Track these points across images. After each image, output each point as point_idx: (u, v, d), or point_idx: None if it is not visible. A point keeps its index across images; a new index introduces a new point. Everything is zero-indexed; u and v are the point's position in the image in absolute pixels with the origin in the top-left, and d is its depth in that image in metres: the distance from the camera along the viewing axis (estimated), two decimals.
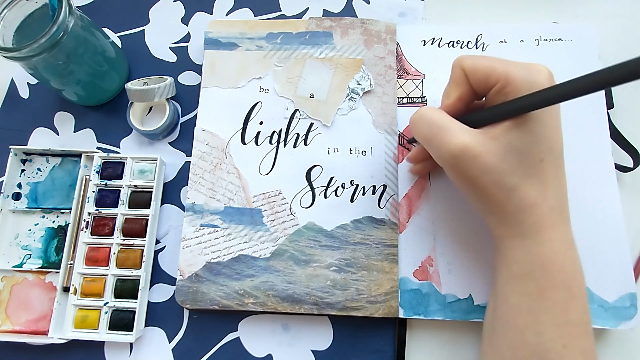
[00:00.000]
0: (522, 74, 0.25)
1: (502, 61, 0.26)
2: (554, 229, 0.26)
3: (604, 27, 0.38)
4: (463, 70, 0.27)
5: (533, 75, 0.25)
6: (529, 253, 0.26)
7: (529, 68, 0.26)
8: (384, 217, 0.34)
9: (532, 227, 0.26)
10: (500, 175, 0.25)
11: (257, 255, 0.33)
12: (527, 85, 0.25)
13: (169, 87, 0.37)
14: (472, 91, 0.28)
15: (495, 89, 0.26)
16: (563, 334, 0.24)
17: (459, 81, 0.28)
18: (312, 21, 0.38)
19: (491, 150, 0.25)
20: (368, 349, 0.33)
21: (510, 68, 0.25)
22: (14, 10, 0.33)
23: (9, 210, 0.36)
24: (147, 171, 0.36)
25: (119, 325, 0.33)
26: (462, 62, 0.28)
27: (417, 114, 0.29)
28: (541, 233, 0.26)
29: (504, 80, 0.25)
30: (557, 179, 0.26)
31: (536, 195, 0.26)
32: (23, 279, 0.35)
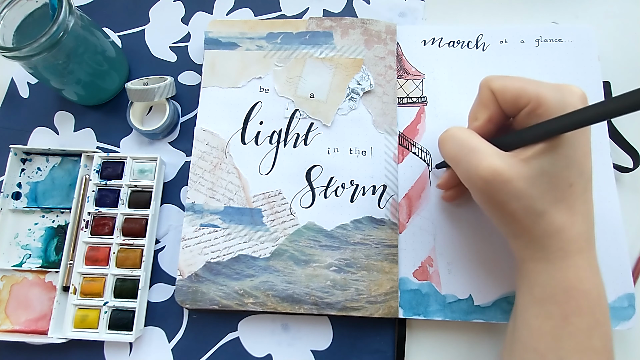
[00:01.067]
0: (554, 96, 0.25)
1: (533, 82, 0.26)
2: (580, 254, 0.25)
3: (603, 28, 0.38)
4: (491, 91, 0.27)
5: (566, 96, 0.25)
6: (553, 278, 0.25)
7: (561, 89, 0.25)
8: (384, 217, 0.34)
9: (558, 252, 0.25)
10: (530, 200, 0.25)
11: (257, 255, 0.33)
12: (560, 107, 0.24)
13: (169, 87, 0.37)
14: (502, 112, 0.27)
15: (525, 110, 0.26)
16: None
17: (487, 102, 0.27)
18: (313, 21, 0.38)
19: (522, 174, 0.25)
20: (368, 349, 0.33)
21: (541, 89, 0.25)
22: (14, 10, 0.33)
23: (8, 209, 0.36)
24: (147, 171, 0.36)
25: (119, 324, 0.33)
26: (490, 83, 0.27)
27: (447, 133, 0.28)
28: (567, 258, 0.25)
29: (535, 102, 0.25)
30: (585, 204, 0.26)
31: (564, 220, 0.25)
32: (23, 278, 0.35)
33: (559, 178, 0.25)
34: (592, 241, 0.26)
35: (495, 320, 0.32)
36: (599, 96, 0.36)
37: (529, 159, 0.25)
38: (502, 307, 0.32)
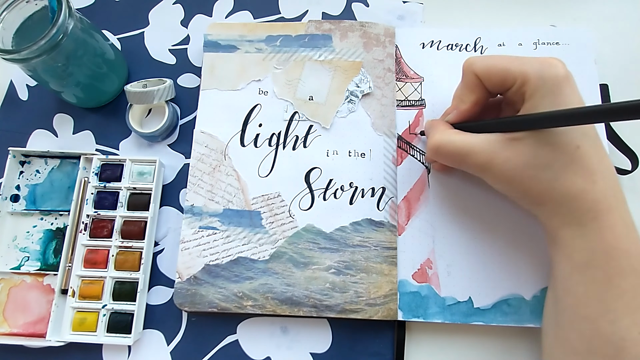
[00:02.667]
0: (537, 72, 0.25)
1: (515, 60, 0.26)
2: (611, 212, 0.25)
3: (601, 31, 0.39)
4: (476, 75, 0.27)
5: (546, 71, 0.25)
6: (590, 240, 0.25)
7: (543, 64, 0.26)
8: (383, 220, 0.34)
9: (587, 213, 0.25)
10: (535, 170, 0.25)
11: (256, 258, 0.33)
12: (543, 82, 0.25)
13: (168, 90, 0.37)
14: (488, 93, 0.28)
15: (512, 90, 0.26)
16: (638, 321, 0.24)
17: (472, 86, 0.28)
18: (312, 24, 0.38)
19: (519, 150, 0.26)
20: (367, 351, 0.33)
21: (525, 67, 0.26)
22: (13, 12, 0.33)
23: (7, 212, 0.36)
24: (146, 173, 0.36)
25: (117, 327, 0.33)
26: (474, 67, 0.27)
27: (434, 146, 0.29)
28: (599, 219, 0.25)
29: (520, 80, 0.26)
30: (600, 162, 0.26)
31: (582, 181, 0.25)
32: (21, 281, 0.35)
33: (561, 144, 0.25)
34: (620, 197, 0.26)
35: (495, 322, 0.32)
36: (596, 99, 0.36)
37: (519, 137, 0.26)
38: (501, 309, 0.32)
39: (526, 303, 0.32)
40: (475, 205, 0.34)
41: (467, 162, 0.28)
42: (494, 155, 0.26)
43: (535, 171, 0.25)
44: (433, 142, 0.29)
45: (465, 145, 0.27)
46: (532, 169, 0.25)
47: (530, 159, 0.25)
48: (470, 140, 0.27)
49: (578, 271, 0.26)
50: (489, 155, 0.26)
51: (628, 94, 0.38)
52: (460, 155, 0.28)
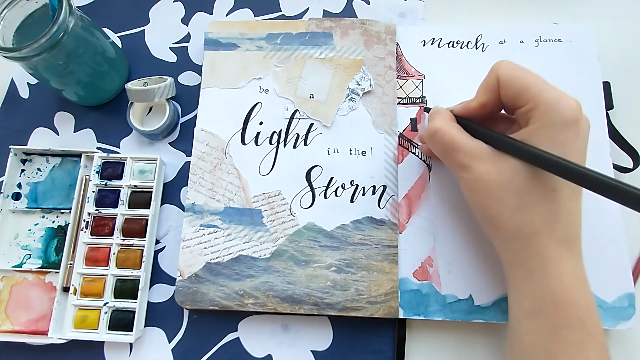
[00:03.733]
0: (551, 104, 0.24)
1: (540, 83, 0.25)
2: (561, 262, 0.25)
3: (603, 28, 0.38)
4: (497, 78, 0.27)
5: (561, 108, 0.24)
6: (537, 287, 0.25)
7: (560, 100, 0.25)
8: (384, 218, 0.34)
9: (537, 257, 0.25)
10: (505, 192, 0.25)
11: (257, 256, 0.33)
12: (551, 116, 0.24)
13: (169, 88, 0.37)
14: (499, 102, 0.28)
15: (521, 110, 0.26)
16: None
17: (489, 87, 0.27)
18: (312, 22, 0.38)
19: (501, 168, 0.25)
20: (368, 349, 0.33)
21: (542, 94, 0.25)
22: (14, 10, 0.33)
23: (8, 210, 0.36)
24: (147, 171, 0.36)
25: (119, 325, 0.33)
26: (500, 71, 0.27)
27: (432, 129, 0.29)
28: (548, 266, 0.25)
29: (532, 104, 0.25)
30: (570, 214, 0.25)
31: (541, 224, 0.25)
32: (23, 279, 0.35)
33: (540, 180, 0.25)
34: (576, 249, 0.26)
35: (496, 320, 0.32)
36: (598, 97, 0.36)
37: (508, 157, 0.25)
38: (502, 307, 0.32)
39: None
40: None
41: (452, 157, 0.28)
42: (477, 161, 0.26)
43: (504, 193, 0.25)
44: (433, 125, 0.29)
45: (458, 140, 0.27)
46: (503, 191, 0.25)
47: (505, 180, 0.25)
48: (464, 139, 0.27)
49: (526, 319, 0.26)
50: (473, 159, 0.26)
51: (630, 91, 0.37)
52: (450, 148, 0.28)
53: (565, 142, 0.24)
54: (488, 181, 0.26)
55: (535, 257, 0.25)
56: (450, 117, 0.30)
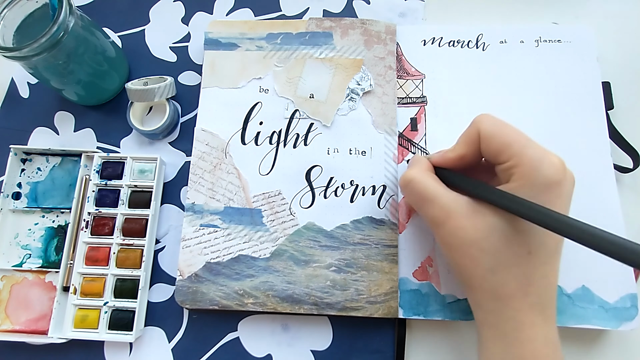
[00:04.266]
0: (534, 163, 0.24)
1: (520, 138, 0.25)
2: (534, 328, 0.24)
3: (604, 28, 0.38)
4: (478, 132, 0.26)
5: (544, 168, 0.24)
6: (509, 352, 0.25)
7: (543, 159, 0.24)
8: (384, 218, 0.34)
9: (510, 321, 0.25)
10: (480, 252, 0.25)
11: (257, 256, 0.33)
12: (534, 176, 0.24)
13: (169, 87, 0.37)
14: (479, 155, 0.27)
15: (502, 166, 0.25)
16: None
17: (469, 141, 0.27)
18: (312, 21, 0.38)
19: (476, 225, 0.25)
20: (367, 349, 0.33)
21: (525, 151, 0.24)
22: (14, 10, 0.33)
23: (8, 209, 0.36)
24: (147, 171, 0.36)
25: (119, 325, 0.33)
26: (480, 125, 0.26)
27: (407, 178, 0.28)
28: (520, 330, 0.24)
29: (514, 162, 0.24)
30: (544, 277, 0.25)
31: (515, 287, 0.24)
32: (23, 278, 0.35)
33: (515, 242, 0.24)
34: (549, 313, 0.25)
35: None
36: (598, 97, 0.36)
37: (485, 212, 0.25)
38: None
39: None
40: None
41: (426, 209, 0.27)
42: (452, 216, 0.25)
43: (479, 253, 0.25)
44: (408, 174, 0.28)
45: (432, 192, 0.26)
46: (477, 250, 0.25)
47: (481, 239, 0.24)
48: (440, 190, 0.26)
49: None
50: (447, 213, 0.25)
51: (630, 91, 0.37)
52: (424, 200, 0.27)
53: (547, 203, 0.23)
54: (463, 238, 0.25)
55: (508, 321, 0.25)
56: (427, 166, 0.29)
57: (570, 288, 0.32)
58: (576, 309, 0.31)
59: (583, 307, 0.31)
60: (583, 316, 0.31)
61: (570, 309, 0.31)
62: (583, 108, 0.35)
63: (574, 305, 0.31)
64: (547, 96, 0.36)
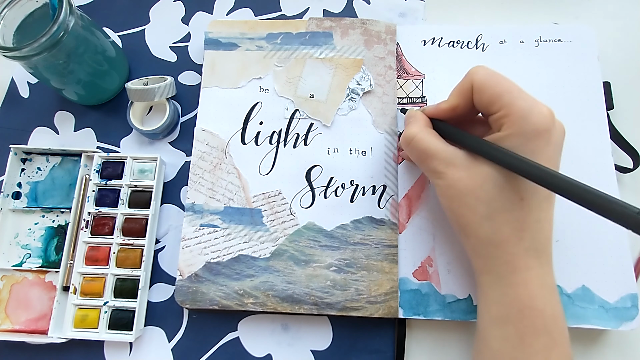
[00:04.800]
0: (523, 112, 0.25)
1: (513, 90, 0.25)
2: (529, 271, 0.25)
3: (604, 28, 0.38)
4: (471, 84, 0.27)
5: (532, 117, 0.24)
6: (506, 294, 0.26)
7: (532, 108, 0.25)
8: (384, 218, 0.34)
9: (505, 265, 0.25)
10: (476, 200, 0.25)
11: (257, 256, 0.33)
12: (522, 124, 0.25)
13: (169, 87, 0.37)
14: (471, 106, 0.28)
15: (494, 117, 0.26)
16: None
17: (463, 92, 0.28)
18: (312, 21, 0.38)
19: (472, 175, 0.26)
20: (367, 349, 0.33)
21: (515, 102, 0.25)
22: (14, 10, 0.33)
23: (8, 209, 0.36)
24: (147, 171, 0.36)
25: (119, 324, 0.33)
26: (474, 76, 0.27)
27: (408, 136, 0.29)
28: (516, 274, 0.25)
29: (504, 112, 0.25)
30: (538, 222, 0.26)
31: (509, 232, 0.25)
32: (23, 278, 0.35)
33: (508, 189, 0.25)
34: (545, 258, 0.26)
35: None
36: (598, 97, 0.36)
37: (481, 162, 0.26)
38: None
39: None
40: None
41: (427, 163, 0.28)
42: (451, 168, 0.26)
43: (475, 201, 0.25)
44: (409, 132, 0.29)
45: (433, 147, 0.27)
46: (473, 199, 0.25)
47: (476, 188, 0.25)
48: (439, 145, 0.27)
49: (494, 325, 0.26)
50: (446, 165, 0.26)
51: (630, 91, 0.37)
52: (425, 154, 0.28)
53: (535, 150, 0.24)
54: (460, 188, 0.26)
55: (503, 265, 0.26)
56: (425, 121, 0.30)
57: (570, 288, 0.32)
58: (576, 308, 0.31)
59: (583, 307, 0.31)
60: (583, 316, 0.31)
61: (570, 308, 0.31)
62: (583, 108, 0.35)
63: (574, 305, 0.31)
64: (548, 96, 0.35)
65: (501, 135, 0.25)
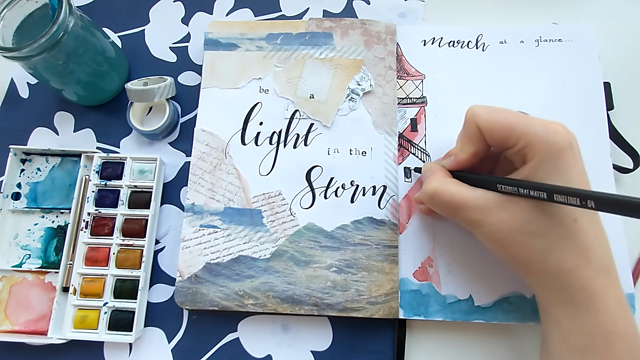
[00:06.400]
0: (542, 137, 0.24)
1: (521, 119, 0.25)
2: (605, 293, 0.24)
3: (604, 28, 0.38)
4: (478, 127, 0.26)
5: (551, 137, 0.24)
6: (586, 323, 0.24)
7: (549, 130, 0.24)
8: (384, 218, 0.34)
9: (580, 293, 0.24)
10: (528, 237, 0.25)
11: (257, 256, 0.33)
12: (547, 148, 0.24)
13: (169, 87, 0.37)
14: (488, 146, 0.27)
15: (513, 149, 0.25)
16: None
17: (473, 137, 0.27)
18: (312, 22, 0.38)
19: (514, 213, 0.25)
20: (368, 349, 0.33)
21: (529, 129, 0.25)
22: (14, 10, 0.33)
23: (8, 210, 0.36)
24: (146, 171, 0.36)
25: (119, 325, 0.33)
26: (477, 118, 0.26)
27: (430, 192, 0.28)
28: (593, 299, 0.24)
29: (523, 142, 0.25)
30: (598, 238, 0.25)
31: (576, 258, 0.24)
32: (22, 278, 0.35)
33: (559, 215, 0.24)
34: (614, 275, 0.25)
35: (496, 320, 0.31)
36: (598, 97, 0.36)
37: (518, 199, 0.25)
38: (502, 307, 0.32)
39: (527, 301, 0.32)
40: None
41: (460, 215, 0.27)
42: (487, 213, 0.25)
43: (528, 238, 0.25)
44: (430, 188, 0.28)
45: (461, 197, 0.27)
46: (525, 236, 0.25)
47: (524, 224, 0.25)
48: (466, 193, 0.27)
49: (575, 354, 0.25)
50: (482, 212, 0.26)
51: (630, 91, 0.37)
52: (455, 207, 0.27)
53: (568, 168, 0.24)
54: (506, 230, 0.25)
55: (578, 293, 0.24)
56: (444, 173, 0.29)
57: None
58: None
59: None
60: None
61: None
62: (583, 108, 0.35)
63: None
64: (548, 96, 0.36)
65: (531, 166, 0.25)
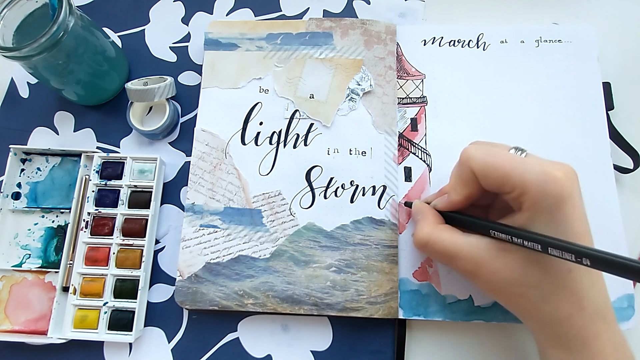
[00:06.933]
0: (539, 186, 0.23)
1: (516, 165, 0.24)
2: (599, 338, 0.24)
3: (604, 28, 0.38)
4: (472, 170, 0.26)
5: (549, 187, 0.23)
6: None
7: (547, 177, 0.23)
8: (384, 218, 0.34)
9: (575, 339, 0.24)
10: (523, 288, 0.25)
11: (257, 256, 0.33)
12: (544, 198, 0.23)
13: (169, 87, 0.37)
14: (482, 189, 0.27)
15: (509, 196, 0.25)
16: None
17: (467, 180, 0.27)
18: (312, 22, 0.38)
19: (508, 264, 0.25)
20: (367, 349, 0.33)
21: (526, 176, 0.24)
22: (14, 10, 0.33)
23: (8, 209, 0.36)
24: (146, 171, 0.36)
25: (119, 325, 0.33)
26: (471, 162, 0.26)
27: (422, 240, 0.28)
28: (587, 345, 0.24)
29: (519, 190, 0.24)
30: (593, 286, 0.24)
31: (570, 307, 0.24)
32: (22, 278, 0.35)
33: (553, 265, 0.24)
34: (610, 317, 0.25)
35: (496, 320, 0.32)
36: (598, 97, 0.36)
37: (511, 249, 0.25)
38: (502, 307, 0.31)
39: None
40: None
41: (453, 264, 0.27)
42: (482, 263, 0.25)
43: (523, 289, 0.25)
44: (421, 236, 0.28)
45: (454, 247, 0.26)
46: (520, 287, 0.25)
47: (519, 276, 0.24)
48: (459, 243, 0.26)
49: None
50: (477, 263, 0.25)
51: (630, 91, 0.37)
52: (448, 257, 0.27)
53: (566, 218, 0.23)
54: (501, 281, 0.25)
55: (572, 340, 0.24)
56: (435, 217, 0.29)
57: None
58: None
59: None
60: None
61: None
62: (583, 108, 0.35)
63: None
64: (548, 96, 0.36)
65: (527, 215, 0.24)
